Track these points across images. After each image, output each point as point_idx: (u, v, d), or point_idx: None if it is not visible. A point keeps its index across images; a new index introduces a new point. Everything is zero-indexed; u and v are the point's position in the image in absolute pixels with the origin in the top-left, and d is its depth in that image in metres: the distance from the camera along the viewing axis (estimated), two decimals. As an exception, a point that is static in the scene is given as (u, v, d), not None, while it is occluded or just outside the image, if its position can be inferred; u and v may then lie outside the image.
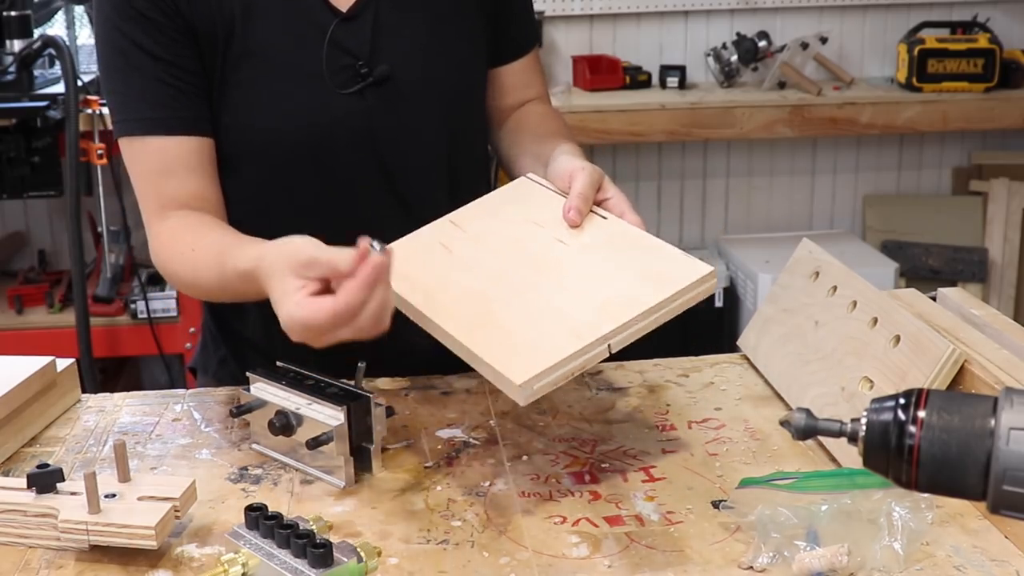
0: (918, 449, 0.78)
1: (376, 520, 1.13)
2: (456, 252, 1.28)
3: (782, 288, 1.44)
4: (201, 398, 1.41)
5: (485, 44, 1.50)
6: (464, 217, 1.33)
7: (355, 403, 1.18)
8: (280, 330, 1.11)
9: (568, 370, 1.08)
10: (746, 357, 1.47)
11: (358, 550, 0.98)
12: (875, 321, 1.25)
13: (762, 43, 3.47)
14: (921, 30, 3.49)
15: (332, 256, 1.06)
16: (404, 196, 1.44)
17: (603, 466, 1.22)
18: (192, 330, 3.09)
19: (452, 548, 1.07)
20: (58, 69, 3.03)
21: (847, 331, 1.28)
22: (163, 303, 3.11)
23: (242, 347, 1.54)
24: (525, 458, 1.24)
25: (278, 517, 1.01)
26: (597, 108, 3.23)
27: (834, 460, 1.20)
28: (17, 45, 2.97)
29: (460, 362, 1.18)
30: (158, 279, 3.22)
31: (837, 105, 3.30)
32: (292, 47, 1.37)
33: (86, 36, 3.45)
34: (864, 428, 0.81)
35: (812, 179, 3.80)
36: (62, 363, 1.38)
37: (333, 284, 1.07)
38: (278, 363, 1.27)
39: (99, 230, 3.20)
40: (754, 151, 3.73)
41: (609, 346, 1.10)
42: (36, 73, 3.03)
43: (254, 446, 1.27)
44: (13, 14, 2.97)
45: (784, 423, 0.86)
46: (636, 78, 3.45)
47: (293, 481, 1.21)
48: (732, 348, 1.51)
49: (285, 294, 1.08)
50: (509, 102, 1.57)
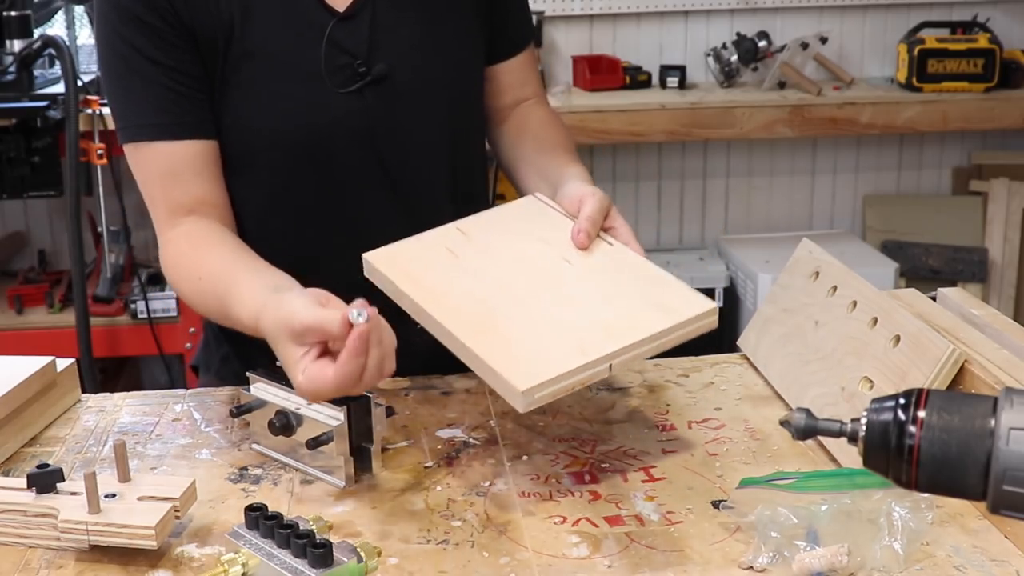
0: (918, 449, 0.78)
1: (376, 520, 1.13)
2: (462, 258, 1.29)
3: (782, 288, 1.44)
4: (201, 398, 1.41)
5: (482, 42, 1.50)
6: (470, 226, 1.34)
7: (355, 403, 1.18)
8: None
9: (570, 383, 1.10)
10: (746, 357, 1.47)
11: (358, 550, 0.98)
12: (875, 321, 1.25)
13: (762, 43, 3.46)
14: (921, 30, 3.49)
15: (323, 324, 1.08)
16: (404, 194, 1.45)
17: (603, 466, 1.22)
18: (192, 330, 3.09)
19: (452, 548, 1.07)
20: (58, 69, 3.03)
21: (847, 331, 1.28)
22: (163, 303, 3.11)
23: (243, 345, 1.54)
24: (525, 458, 1.24)
25: (278, 517, 1.01)
26: (597, 108, 3.22)
27: (834, 460, 1.20)
28: (17, 45, 2.97)
29: (460, 362, 1.18)
30: (158, 279, 3.22)
31: (837, 105, 3.30)
32: (291, 47, 1.37)
33: (86, 36, 3.45)
34: (864, 428, 0.81)
35: (812, 179, 3.80)
36: (62, 363, 1.38)
37: (330, 345, 1.10)
38: (278, 363, 1.27)
39: (99, 230, 3.20)
40: (754, 151, 3.73)
41: (610, 366, 1.12)
42: (36, 73, 3.03)
43: (254, 446, 1.27)
44: (13, 14, 2.97)
45: (784, 423, 0.86)
46: (636, 78, 3.45)
47: (293, 481, 1.21)
48: (732, 348, 1.51)
49: (291, 362, 1.11)
50: (506, 101, 1.57)
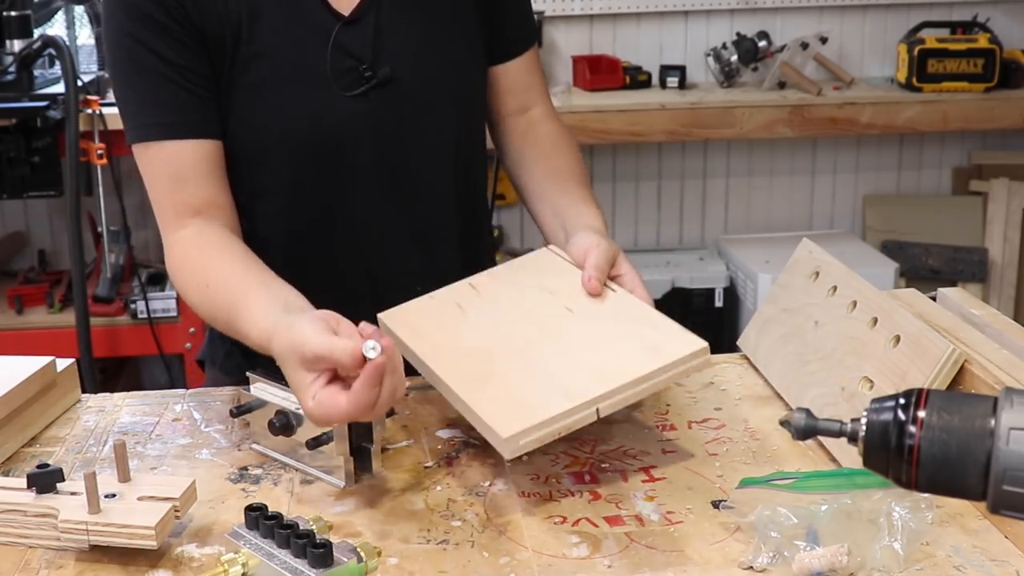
0: (918, 449, 0.78)
1: (376, 520, 1.13)
2: (469, 312, 1.33)
3: (782, 288, 1.44)
4: (201, 398, 1.41)
5: (483, 44, 1.50)
6: (482, 281, 1.38)
7: (355, 403, 1.18)
8: None
9: (555, 429, 1.12)
10: (746, 357, 1.47)
11: (358, 550, 0.98)
12: (875, 321, 1.25)
13: (762, 43, 3.46)
14: (921, 30, 3.49)
15: (334, 354, 1.07)
16: (408, 194, 1.45)
17: (603, 466, 1.22)
18: (192, 330, 3.09)
19: (452, 548, 1.07)
20: (58, 69, 3.03)
21: (847, 331, 1.28)
22: (163, 303, 3.10)
23: None
24: (525, 458, 1.24)
25: (278, 517, 1.01)
26: (597, 108, 3.22)
27: (834, 460, 1.20)
28: (17, 45, 2.97)
29: None
30: (158, 279, 3.22)
31: (837, 105, 3.30)
32: (297, 50, 1.38)
33: (86, 36, 3.45)
34: (864, 428, 0.81)
35: (812, 179, 3.80)
36: (62, 363, 1.38)
37: (340, 372, 1.09)
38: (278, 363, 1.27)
39: (99, 230, 3.20)
40: (754, 151, 3.73)
41: (597, 410, 1.14)
42: (36, 73, 3.02)
43: (254, 446, 1.27)
44: (13, 14, 2.96)
45: (784, 423, 0.86)
46: (636, 78, 3.45)
47: (293, 481, 1.21)
48: (732, 348, 1.51)
49: (301, 387, 1.10)
50: (511, 105, 1.57)
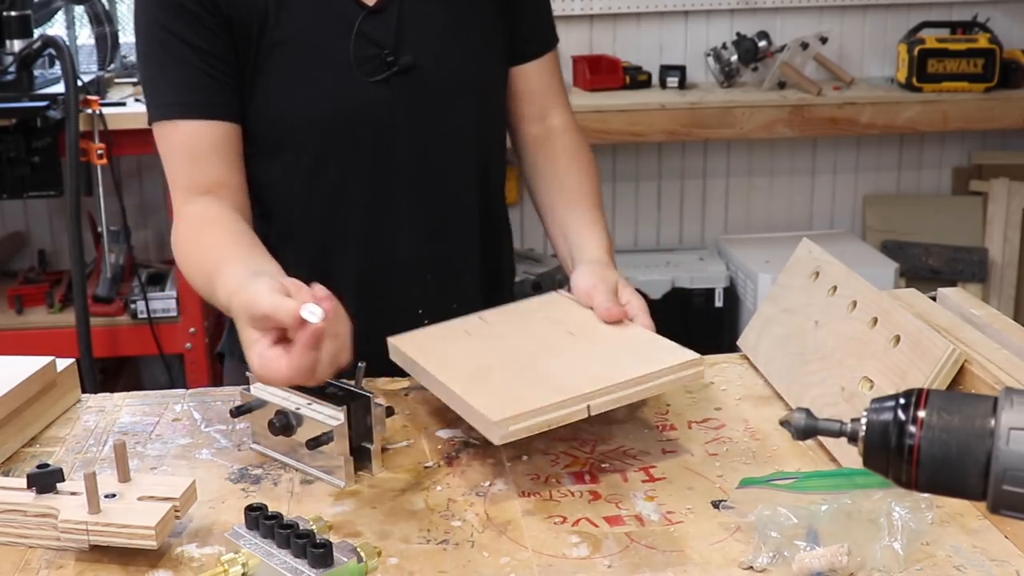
0: (918, 449, 0.77)
1: (376, 520, 1.13)
2: (475, 336, 1.36)
3: (782, 288, 1.44)
4: (201, 398, 1.41)
5: (503, 41, 1.54)
6: (492, 315, 1.41)
7: (355, 403, 1.18)
8: None
9: (545, 419, 1.14)
10: (746, 357, 1.47)
11: (358, 550, 0.98)
12: (875, 321, 1.25)
13: (762, 43, 3.47)
14: (921, 30, 3.49)
15: (279, 314, 1.08)
16: (427, 181, 1.49)
17: (603, 466, 1.22)
18: (192, 330, 3.09)
19: (452, 548, 1.07)
20: (58, 69, 3.03)
21: (847, 331, 1.28)
22: (163, 303, 3.10)
23: None
24: (525, 458, 1.24)
25: (278, 517, 1.01)
26: (597, 108, 3.22)
27: (834, 460, 1.20)
28: (17, 45, 2.97)
29: None
30: (158, 279, 3.22)
31: (837, 105, 3.30)
32: (322, 37, 1.42)
33: (86, 36, 3.45)
34: (864, 428, 0.81)
35: (812, 179, 3.80)
36: (62, 363, 1.38)
37: (288, 333, 1.10)
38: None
39: (99, 230, 3.20)
40: (754, 151, 3.73)
41: (588, 407, 1.15)
42: (36, 73, 3.02)
43: (254, 446, 1.27)
44: (13, 14, 2.96)
45: (784, 423, 0.86)
46: (636, 78, 3.45)
47: (293, 481, 1.21)
48: (732, 348, 1.51)
49: (248, 344, 1.13)
50: (529, 110, 1.60)
